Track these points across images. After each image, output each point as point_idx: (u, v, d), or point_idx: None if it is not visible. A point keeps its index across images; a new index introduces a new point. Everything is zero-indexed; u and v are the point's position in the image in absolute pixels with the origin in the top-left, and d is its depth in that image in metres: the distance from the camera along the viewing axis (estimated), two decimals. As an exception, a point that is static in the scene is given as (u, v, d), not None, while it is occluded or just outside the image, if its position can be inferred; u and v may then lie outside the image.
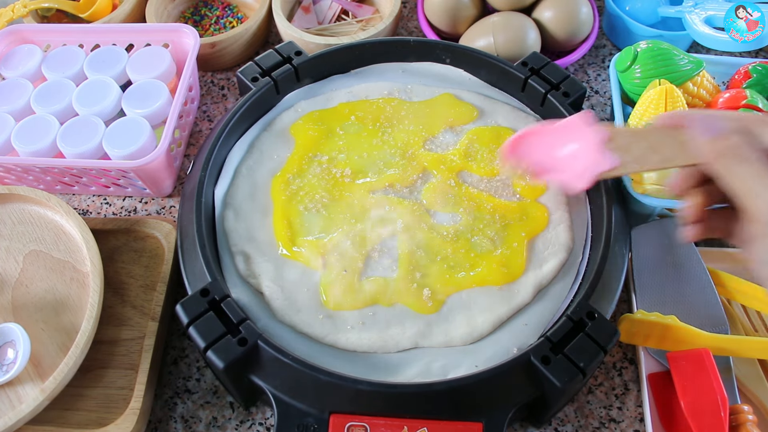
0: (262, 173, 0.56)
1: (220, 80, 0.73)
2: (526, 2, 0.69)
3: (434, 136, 0.58)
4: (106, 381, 0.50)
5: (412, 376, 0.45)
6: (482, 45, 0.66)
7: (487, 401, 0.42)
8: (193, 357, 0.53)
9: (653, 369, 0.49)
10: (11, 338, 0.48)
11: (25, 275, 0.53)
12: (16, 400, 0.47)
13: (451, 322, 0.48)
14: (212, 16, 0.76)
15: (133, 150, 0.58)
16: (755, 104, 0.54)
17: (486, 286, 0.49)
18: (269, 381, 0.44)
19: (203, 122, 0.69)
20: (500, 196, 0.54)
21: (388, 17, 0.69)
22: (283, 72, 0.59)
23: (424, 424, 0.42)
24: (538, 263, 0.50)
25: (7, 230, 0.55)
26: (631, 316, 0.48)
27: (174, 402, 0.51)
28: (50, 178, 0.61)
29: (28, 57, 0.66)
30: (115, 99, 0.62)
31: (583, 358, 0.42)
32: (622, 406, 0.50)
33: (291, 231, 0.52)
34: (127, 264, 0.55)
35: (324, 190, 0.54)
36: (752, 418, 0.44)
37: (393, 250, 0.51)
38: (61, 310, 0.51)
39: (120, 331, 0.52)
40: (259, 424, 0.50)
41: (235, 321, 0.44)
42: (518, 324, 0.48)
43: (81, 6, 0.73)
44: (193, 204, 0.51)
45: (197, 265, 0.48)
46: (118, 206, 0.63)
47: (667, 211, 0.54)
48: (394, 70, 0.63)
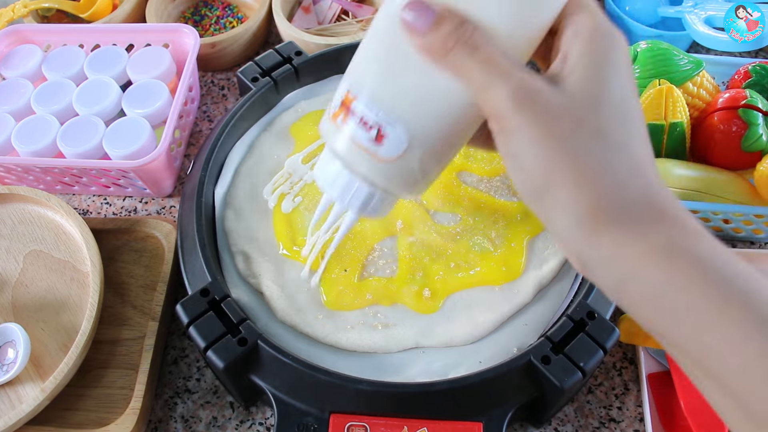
0: (262, 173, 0.56)
1: (220, 80, 0.73)
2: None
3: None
4: (107, 381, 0.50)
5: (412, 376, 0.45)
6: (482, 45, 0.66)
7: (487, 401, 0.42)
8: (193, 357, 0.53)
9: (653, 369, 0.49)
10: (11, 338, 0.48)
11: (25, 275, 0.53)
12: (16, 399, 0.47)
13: (452, 322, 0.48)
14: (212, 16, 0.76)
15: (134, 150, 0.58)
16: (755, 104, 0.54)
17: (486, 285, 0.49)
18: (269, 381, 0.44)
19: (203, 122, 0.69)
20: (500, 196, 0.54)
21: (388, 17, 0.69)
22: (283, 72, 0.59)
23: (424, 423, 0.42)
24: (538, 263, 0.50)
25: (7, 230, 0.55)
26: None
27: (174, 402, 0.51)
28: (50, 178, 0.61)
29: (28, 57, 0.66)
30: (116, 99, 0.62)
31: (583, 358, 0.42)
32: (622, 406, 0.50)
33: (291, 231, 0.52)
34: (128, 264, 0.55)
35: (324, 190, 0.55)
36: (752, 418, 0.44)
37: (393, 249, 0.51)
38: (62, 309, 0.51)
39: (120, 331, 0.52)
40: (259, 423, 0.50)
41: (235, 321, 0.44)
42: (518, 324, 0.48)
43: (81, 6, 0.73)
44: (194, 204, 0.51)
45: (197, 265, 0.48)
46: (119, 206, 0.63)
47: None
48: (394, 70, 0.63)
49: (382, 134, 0.31)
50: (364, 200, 0.35)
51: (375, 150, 0.32)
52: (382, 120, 0.31)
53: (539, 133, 0.28)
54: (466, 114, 0.31)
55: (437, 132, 0.31)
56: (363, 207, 0.35)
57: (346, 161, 0.33)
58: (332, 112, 0.33)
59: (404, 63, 0.31)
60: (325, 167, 0.35)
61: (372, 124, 0.31)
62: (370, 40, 0.33)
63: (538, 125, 0.28)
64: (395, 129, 0.31)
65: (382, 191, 0.34)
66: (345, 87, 0.33)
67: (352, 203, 0.35)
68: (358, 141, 0.32)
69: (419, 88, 0.31)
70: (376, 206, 0.35)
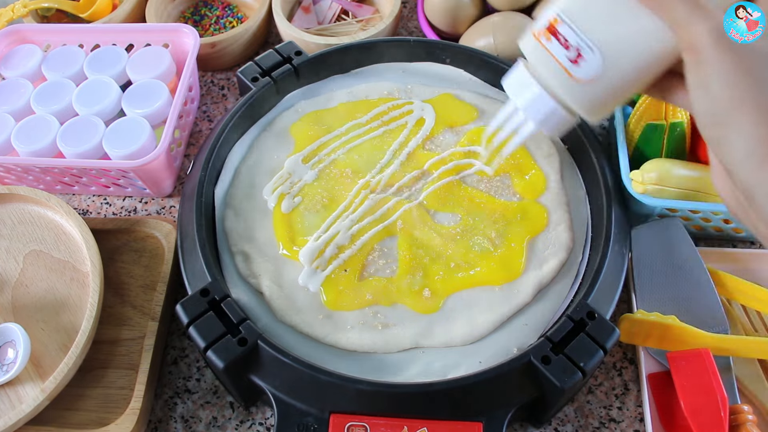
0: (261, 173, 0.56)
1: (220, 80, 0.73)
2: (526, 2, 0.69)
3: (434, 137, 0.58)
4: (107, 381, 0.50)
5: (412, 376, 0.45)
6: (482, 45, 0.66)
7: (487, 401, 0.42)
8: (193, 357, 0.53)
9: (653, 369, 0.49)
10: (11, 338, 0.48)
11: (25, 275, 0.53)
12: (16, 399, 0.47)
13: (452, 322, 0.48)
14: (212, 16, 0.76)
15: (133, 150, 0.58)
16: (755, 104, 0.54)
17: (486, 286, 0.49)
18: (269, 381, 0.44)
19: (203, 122, 0.69)
20: (500, 196, 0.54)
21: (388, 17, 0.69)
22: (283, 72, 0.59)
23: (424, 423, 0.42)
24: (538, 263, 0.50)
25: (7, 230, 0.55)
26: (631, 316, 0.48)
27: (174, 402, 0.51)
28: (50, 178, 0.61)
29: (28, 57, 0.66)
30: (115, 99, 0.62)
31: (583, 358, 0.42)
32: (622, 406, 0.50)
33: (291, 231, 0.52)
34: (127, 264, 0.55)
35: (324, 189, 0.55)
36: (752, 418, 0.44)
37: (393, 250, 0.51)
38: (61, 310, 0.51)
39: (120, 331, 0.52)
40: (259, 423, 0.50)
41: (235, 321, 0.44)
42: (518, 324, 0.48)
43: (81, 6, 0.73)
44: (193, 204, 0.51)
45: (197, 265, 0.48)
46: (118, 206, 0.63)
47: (667, 211, 0.54)
48: (394, 70, 0.63)
49: (581, 55, 0.35)
50: (548, 114, 0.39)
51: (572, 69, 0.36)
52: (583, 43, 0.35)
53: (734, 64, 0.31)
54: (660, 55, 0.34)
55: (630, 65, 0.35)
56: (545, 120, 0.39)
57: (542, 76, 0.38)
58: (536, 30, 0.37)
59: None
60: (519, 78, 0.39)
61: (574, 45, 0.35)
62: None
63: (733, 58, 0.31)
64: (594, 54, 0.35)
65: (566, 109, 0.38)
66: (553, 11, 0.36)
67: (535, 115, 0.39)
68: (558, 58, 0.36)
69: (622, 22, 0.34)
70: (556, 123, 0.39)
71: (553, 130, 0.40)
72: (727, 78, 0.31)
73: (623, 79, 0.35)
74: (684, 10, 0.32)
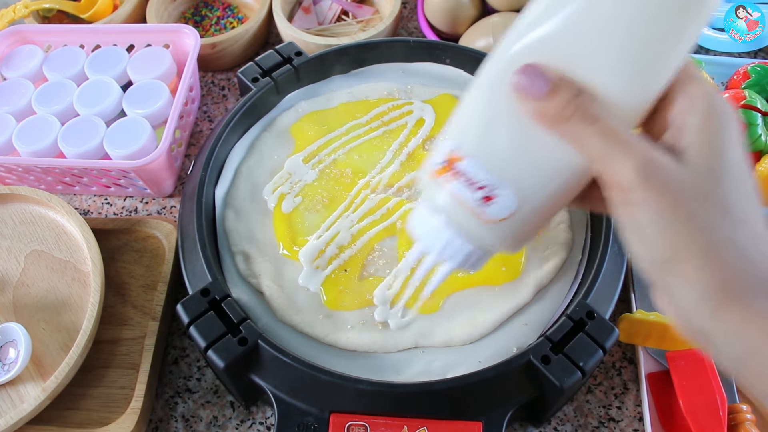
0: (262, 173, 0.56)
1: (220, 80, 0.73)
2: (526, 2, 0.69)
3: (434, 137, 0.58)
4: (107, 380, 0.50)
5: (412, 376, 0.45)
6: (482, 45, 0.66)
7: (487, 401, 0.43)
8: (193, 356, 0.54)
9: (652, 368, 0.49)
10: (12, 338, 0.48)
11: (26, 275, 0.53)
12: (17, 399, 0.47)
13: (451, 322, 0.48)
14: (213, 16, 0.76)
15: (134, 150, 0.58)
16: (754, 104, 0.54)
17: (486, 285, 0.49)
18: (270, 380, 0.44)
19: (204, 122, 0.69)
20: (500, 196, 0.54)
21: (388, 18, 0.69)
22: (284, 72, 0.59)
23: (424, 423, 0.42)
24: (538, 263, 0.50)
25: (8, 230, 0.55)
26: (631, 315, 0.49)
27: (175, 401, 0.51)
28: (51, 179, 0.62)
29: (29, 57, 0.66)
30: (116, 99, 0.62)
31: (582, 358, 0.42)
32: (622, 406, 0.50)
33: (291, 231, 0.52)
34: (128, 264, 0.56)
35: (324, 189, 0.55)
36: (751, 418, 0.44)
37: (393, 250, 0.51)
38: (62, 309, 0.51)
39: (121, 331, 0.52)
40: (259, 423, 0.50)
41: (236, 321, 0.44)
42: (518, 323, 0.48)
43: (82, 7, 0.73)
44: (194, 204, 0.51)
45: (198, 264, 0.48)
46: (119, 206, 0.63)
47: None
48: (394, 71, 0.64)
49: (491, 196, 0.31)
50: (465, 256, 0.34)
51: (481, 211, 0.31)
52: (491, 182, 0.31)
53: (667, 207, 0.27)
54: (576, 178, 0.31)
55: (546, 195, 0.31)
56: (463, 262, 0.34)
57: (450, 219, 0.33)
58: (435, 168, 0.32)
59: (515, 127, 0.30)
60: (423, 220, 0.34)
61: (480, 185, 0.31)
62: (477, 98, 0.32)
63: (666, 199, 0.27)
64: (505, 192, 0.31)
65: (482, 249, 0.34)
66: (450, 144, 0.32)
67: (451, 258, 0.34)
68: (465, 201, 0.31)
69: (531, 152, 0.30)
70: (475, 262, 0.35)
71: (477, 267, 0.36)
72: (662, 222, 0.28)
73: (542, 210, 0.32)
74: (601, 143, 0.28)
